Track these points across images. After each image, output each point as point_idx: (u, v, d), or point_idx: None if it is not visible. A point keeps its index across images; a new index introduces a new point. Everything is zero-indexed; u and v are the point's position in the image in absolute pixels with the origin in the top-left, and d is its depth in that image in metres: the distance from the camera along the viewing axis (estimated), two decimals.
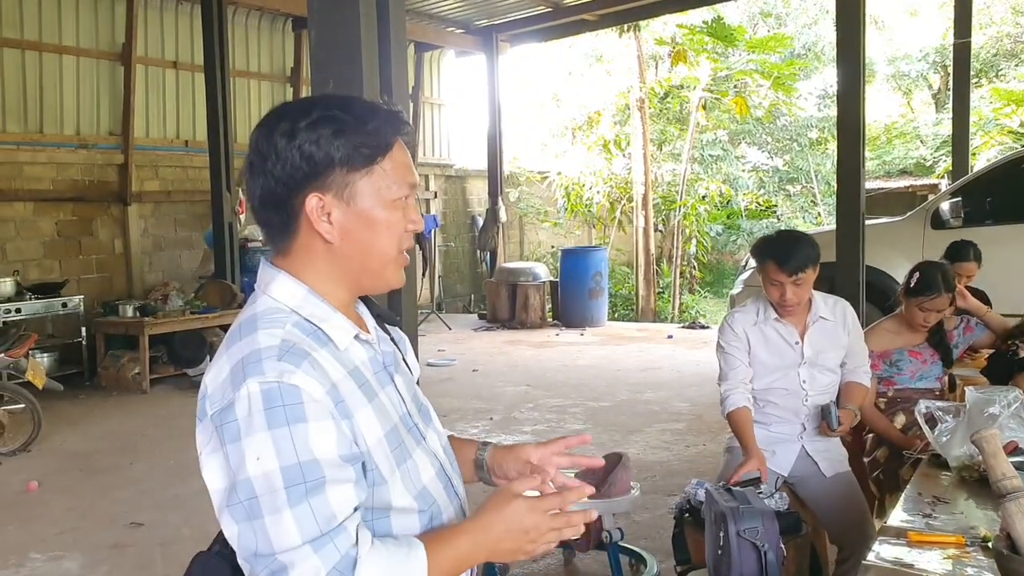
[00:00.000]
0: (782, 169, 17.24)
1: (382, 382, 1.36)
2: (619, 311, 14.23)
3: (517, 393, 7.83)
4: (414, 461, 1.34)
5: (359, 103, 1.35)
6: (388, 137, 1.31)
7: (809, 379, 3.10)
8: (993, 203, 6.78)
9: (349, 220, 1.31)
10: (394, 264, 1.35)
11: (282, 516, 1.14)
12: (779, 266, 2.98)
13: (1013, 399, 2.54)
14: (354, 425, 1.24)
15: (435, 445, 1.44)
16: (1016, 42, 18.89)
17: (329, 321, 1.31)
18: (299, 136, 1.29)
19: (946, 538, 2.06)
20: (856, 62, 5.93)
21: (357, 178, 1.30)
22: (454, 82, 14.37)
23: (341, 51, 2.45)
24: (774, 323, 3.14)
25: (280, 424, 1.16)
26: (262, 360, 1.20)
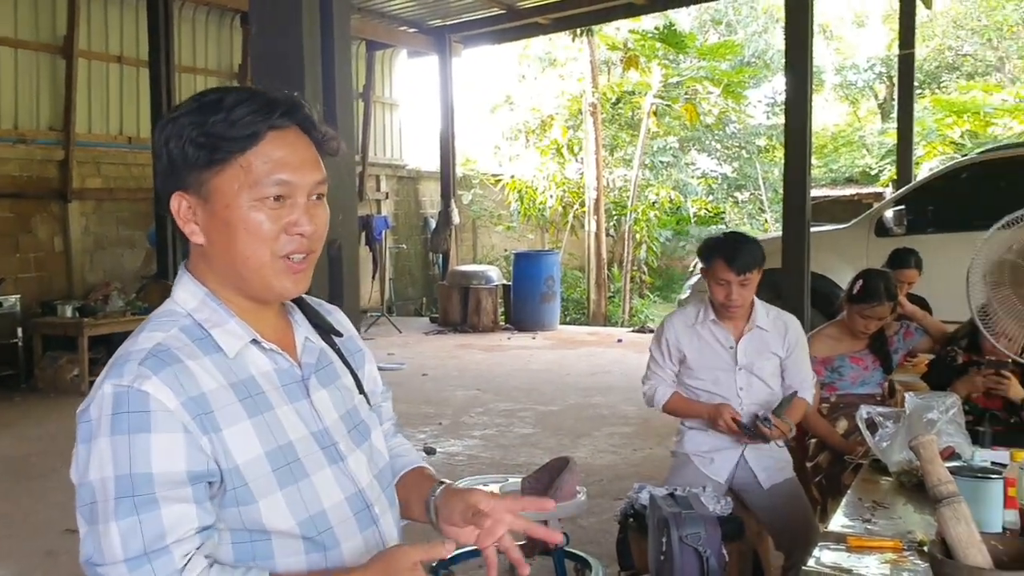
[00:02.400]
0: (731, 176, 17.46)
1: (290, 396, 1.27)
2: (571, 315, 14.26)
3: (467, 397, 7.80)
4: (311, 482, 1.24)
5: (235, 93, 1.23)
6: (250, 128, 1.19)
7: (746, 386, 3.11)
8: (935, 212, 6.92)
9: (210, 221, 1.22)
10: (271, 271, 1.23)
11: (110, 527, 1.09)
12: (728, 264, 2.99)
13: (951, 404, 2.58)
14: (219, 440, 1.16)
15: (359, 468, 1.32)
16: (957, 55, 19.36)
17: (222, 327, 1.23)
18: (166, 132, 1.22)
19: (884, 543, 2.08)
20: (804, 71, 6.01)
21: (213, 174, 1.20)
22: (407, 82, 14.31)
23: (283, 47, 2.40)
24: (711, 324, 3.17)
25: (122, 431, 1.11)
26: (126, 362, 1.15)
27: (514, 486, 3.62)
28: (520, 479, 3.62)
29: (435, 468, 5.13)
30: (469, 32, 12.35)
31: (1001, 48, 18.93)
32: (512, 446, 6.20)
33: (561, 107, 15.13)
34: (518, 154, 15.84)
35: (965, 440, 2.54)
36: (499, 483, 3.67)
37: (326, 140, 1.29)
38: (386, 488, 1.39)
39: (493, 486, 3.63)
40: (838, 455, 3.37)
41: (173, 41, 8.83)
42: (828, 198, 14.87)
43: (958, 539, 1.62)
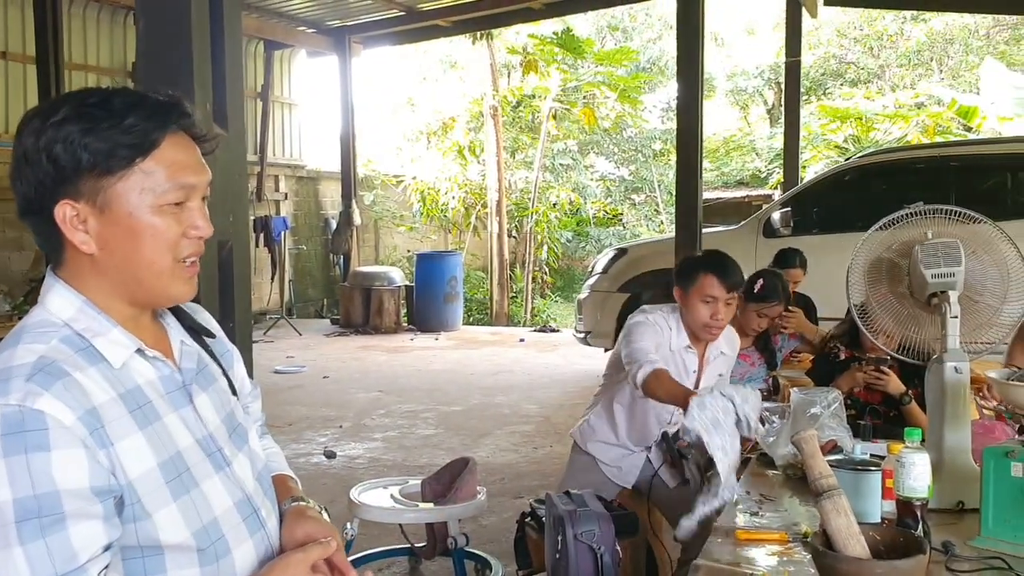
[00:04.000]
0: (628, 179, 17.79)
1: (175, 403, 1.24)
2: (474, 315, 14.29)
3: (369, 399, 7.72)
4: (202, 491, 1.21)
5: (121, 95, 1.20)
6: (152, 134, 1.17)
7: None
8: (819, 213, 7.22)
9: (107, 229, 1.18)
10: (170, 275, 1.22)
11: (12, 553, 1.02)
12: (720, 279, 2.88)
13: (833, 399, 2.69)
14: (114, 454, 1.12)
15: (243, 472, 1.31)
16: (841, 63, 20.20)
17: (104, 336, 1.19)
18: (45, 136, 1.16)
19: (771, 535, 2.15)
20: (694, 77, 6.17)
21: (112, 182, 1.16)
22: (306, 82, 14.08)
23: (170, 43, 2.32)
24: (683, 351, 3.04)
25: (17, 452, 1.04)
26: (10, 379, 1.09)
27: (414, 488, 3.61)
28: (420, 481, 3.62)
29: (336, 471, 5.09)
30: (369, 33, 12.24)
31: (881, 57, 19.83)
32: (414, 447, 6.18)
33: (462, 109, 15.15)
34: (420, 155, 15.79)
35: (847, 433, 2.65)
36: (399, 485, 3.66)
37: (206, 140, 1.28)
38: (267, 490, 1.38)
39: (393, 489, 3.62)
40: None
41: (62, 37, 8.46)
42: (720, 200, 15.32)
43: (838, 531, 1.69)
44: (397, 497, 3.51)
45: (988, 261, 2.55)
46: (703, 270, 2.92)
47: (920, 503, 1.99)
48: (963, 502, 2.28)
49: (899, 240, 2.61)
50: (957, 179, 6.86)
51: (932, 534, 2.02)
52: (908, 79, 19.01)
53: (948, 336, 2.42)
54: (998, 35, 18.68)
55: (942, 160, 7.12)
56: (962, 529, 2.15)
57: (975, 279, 2.53)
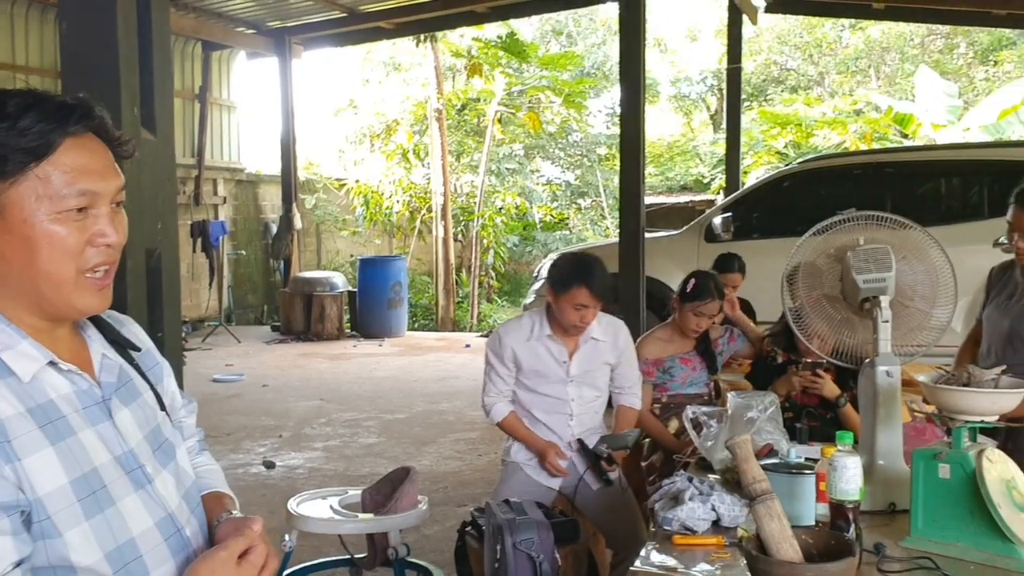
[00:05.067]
0: (574, 183, 17.88)
1: (92, 419, 1.19)
2: (419, 321, 14.22)
3: (309, 408, 7.62)
4: (118, 510, 1.16)
5: (19, 97, 1.14)
6: (48, 136, 1.12)
7: (577, 397, 3.20)
8: (759, 219, 7.31)
9: (2, 239, 1.13)
10: (74, 287, 1.16)
11: None
12: (590, 291, 3.04)
13: (769, 403, 2.71)
14: (21, 469, 1.07)
15: (167, 490, 1.26)
16: (782, 69, 20.58)
17: (12, 349, 1.14)
18: None
19: (707, 540, 2.16)
20: (637, 84, 6.22)
21: (4, 188, 1.12)
22: (246, 83, 13.89)
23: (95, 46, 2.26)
24: (547, 340, 3.20)
25: None
26: None
27: (354, 498, 3.56)
28: (361, 491, 3.57)
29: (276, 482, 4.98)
30: (310, 34, 12.09)
31: (821, 64, 20.26)
32: (356, 457, 6.10)
33: (406, 112, 15.07)
34: (363, 158, 15.66)
35: (783, 437, 2.68)
36: (339, 496, 3.61)
37: (121, 144, 1.23)
38: (195, 508, 1.33)
39: (333, 499, 3.56)
40: (670, 455, 3.50)
41: None
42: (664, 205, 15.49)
43: (771, 535, 1.70)
44: (337, 508, 3.45)
45: (918, 266, 2.60)
46: (576, 281, 3.06)
47: (852, 505, 2.02)
48: (895, 503, 2.32)
49: (833, 246, 2.66)
50: (893, 185, 7.01)
51: (864, 536, 2.05)
52: (846, 86, 19.45)
53: (880, 340, 2.46)
54: (932, 44, 19.22)
55: (878, 166, 7.26)
56: (894, 530, 2.18)
57: (906, 284, 2.57)
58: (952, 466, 2.04)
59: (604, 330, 3.26)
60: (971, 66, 18.83)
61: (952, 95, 14.21)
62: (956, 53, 18.99)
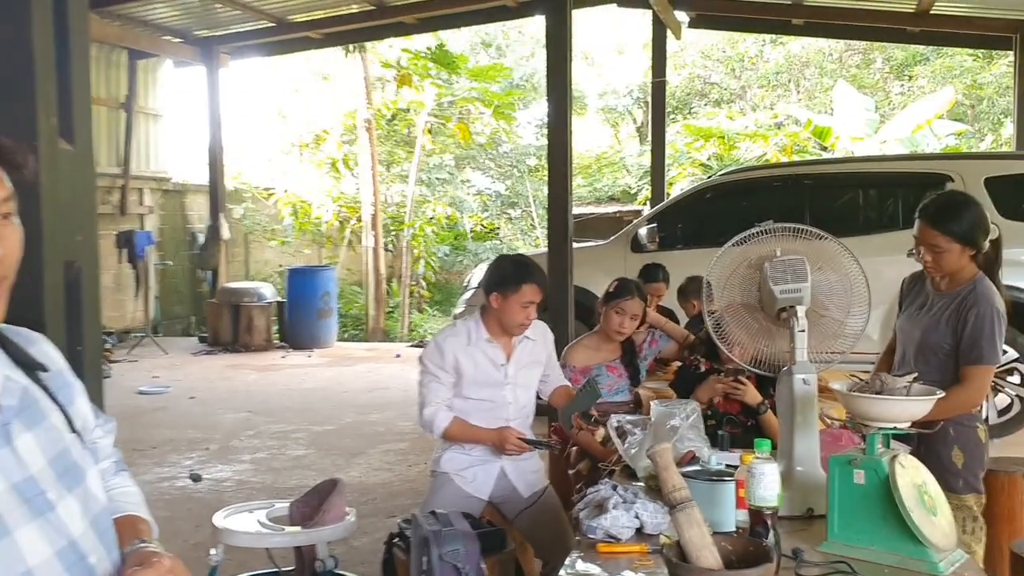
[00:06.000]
0: (504, 193, 17.95)
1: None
2: (349, 331, 14.09)
3: (237, 420, 7.49)
4: (13, 541, 1.10)
5: None
6: None
7: (514, 400, 3.22)
8: (683, 229, 7.44)
9: None
10: None
11: None
12: (538, 286, 3.12)
13: (691, 411, 2.78)
14: None
15: (70, 516, 1.19)
16: (706, 83, 21.00)
17: None
18: None
19: (631, 548, 2.20)
20: (564, 96, 6.29)
21: None
22: (172, 92, 13.61)
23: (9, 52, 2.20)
24: (484, 344, 3.22)
25: None
26: None
27: (282, 511, 3.52)
28: (288, 504, 3.53)
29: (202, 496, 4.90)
30: (238, 44, 11.92)
31: (743, 78, 20.73)
32: (284, 469, 6.02)
33: (336, 122, 14.95)
34: (292, 168, 15.48)
35: (705, 444, 2.74)
36: (266, 509, 3.56)
37: (9, 153, 1.18)
38: (104, 534, 1.26)
39: (260, 513, 3.51)
40: (597, 462, 3.54)
41: None
42: (593, 215, 15.64)
43: (691, 542, 1.73)
44: (264, 521, 3.41)
45: (833, 276, 2.69)
46: (524, 280, 3.13)
47: (770, 512, 2.07)
48: (812, 508, 2.39)
49: (751, 256, 2.73)
50: (812, 196, 7.21)
51: (782, 541, 2.10)
52: (768, 100, 19.93)
53: (796, 349, 2.54)
54: (850, 59, 19.83)
55: (798, 178, 7.46)
56: (811, 535, 2.24)
57: (821, 293, 2.66)
58: (867, 472, 2.10)
59: (534, 330, 3.31)
60: (887, 81, 19.49)
61: (869, 109, 14.70)
62: (873, 68, 19.63)
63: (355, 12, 10.80)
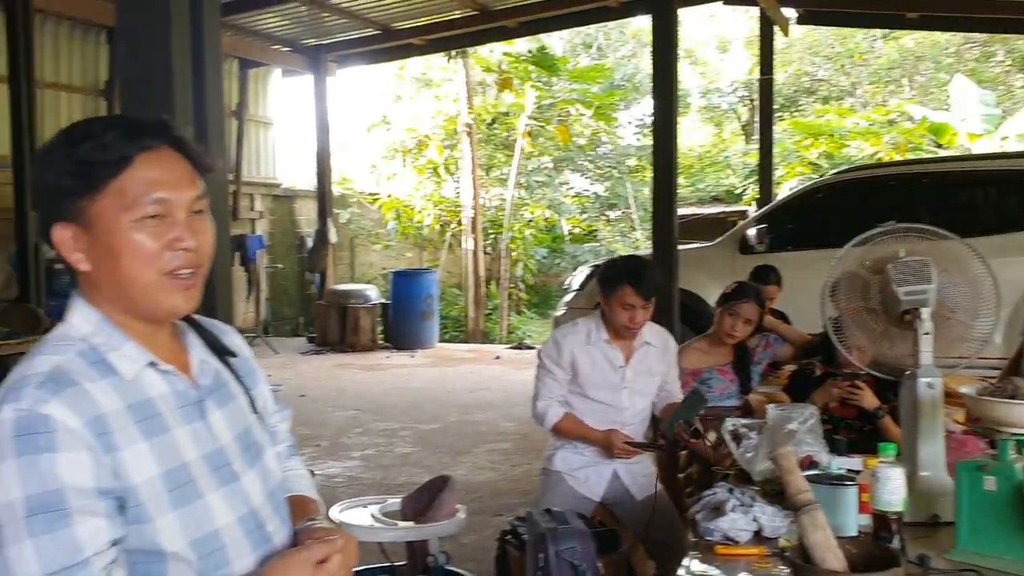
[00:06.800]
0: (603, 195, 17.85)
1: (186, 417, 1.28)
2: (449, 332, 14.27)
3: (346, 418, 7.69)
4: (204, 503, 1.25)
5: (103, 120, 1.29)
6: (120, 151, 1.22)
7: (630, 405, 3.22)
8: (793, 230, 7.28)
9: (93, 247, 1.24)
10: (160, 289, 1.24)
11: (23, 547, 1.09)
12: (636, 290, 3.08)
13: (809, 415, 2.72)
14: (118, 459, 1.18)
15: (252, 488, 1.34)
16: (813, 80, 20.46)
17: (117, 351, 1.24)
18: (40, 166, 1.25)
19: (750, 550, 2.18)
20: (670, 95, 6.25)
21: (88, 202, 1.22)
22: (281, 100, 14.07)
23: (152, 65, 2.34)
24: (603, 345, 3.23)
25: (27, 452, 1.12)
26: (23, 387, 1.16)
27: (393, 507, 3.60)
28: (400, 499, 3.61)
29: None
30: (344, 52, 12.26)
31: (853, 74, 20.12)
32: (392, 466, 6.16)
33: (437, 127, 15.18)
34: (395, 173, 15.80)
35: (823, 449, 2.68)
36: (379, 504, 3.65)
37: (200, 157, 1.31)
38: (279, 508, 1.40)
39: (373, 508, 3.60)
40: (708, 466, 3.51)
41: (35, 56, 8.40)
42: (696, 216, 15.39)
43: (816, 545, 1.71)
44: (377, 516, 3.50)
45: (959, 278, 2.60)
46: (621, 281, 3.12)
47: (895, 517, 2.02)
48: (938, 515, 2.32)
49: (872, 258, 2.66)
50: (929, 196, 6.96)
51: (908, 547, 2.05)
52: (879, 96, 19.29)
53: (921, 352, 2.46)
54: (967, 52, 19.01)
55: (914, 177, 7.22)
56: (937, 542, 2.18)
57: (947, 296, 2.57)
58: (998, 478, 2.04)
59: (655, 336, 3.31)
60: (1009, 74, 18.61)
61: (989, 104, 14.04)
62: (993, 61, 18.77)
63: (457, 18, 10.96)
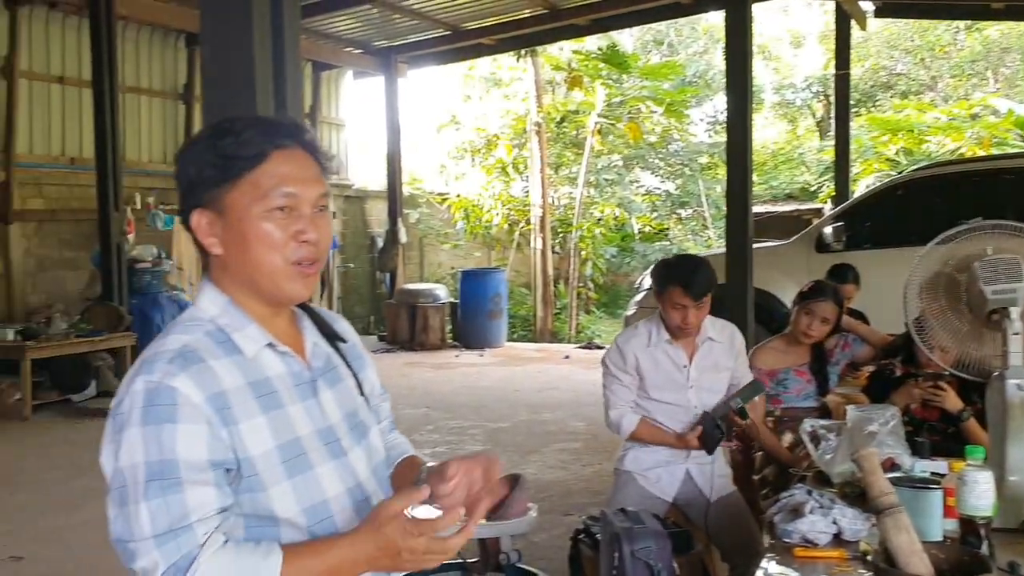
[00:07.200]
0: (674, 193, 17.67)
1: (300, 395, 1.39)
2: (518, 332, 14.31)
3: (417, 416, 7.77)
4: (315, 474, 1.36)
5: (245, 119, 1.39)
6: (257, 148, 1.33)
7: (699, 403, 3.19)
8: (872, 228, 7.10)
9: (227, 233, 1.35)
10: (283, 275, 1.35)
11: (140, 507, 1.21)
12: (685, 291, 3.06)
13: (890, 416, 2.65)
14: (236, 432, 1.28)
15: (358, 463, 1.45)
16: (891, 74, 19.94)
17: (242, 331, 1.36)
18: (185, 157, 1.38)
19: (829, 553, 2.13)
20: (744, 90, 6.16)
21: (228, 190, 1.34)
22: (353, 102, 14.28)
23: (234, 69, 2.40)
24: (665, 346, 3.21)
25: (152, 422, 1.23)
26: (155, 361, 1.27)
27: None
28: None
29: None
30: (415, 53, 12.39)
31: (933, 68, 19.55)
32: None
33: (506, 126, 15.23)
34: (464, 173, 15.90)
35: (905, 451, 2.61)
36: None
37: (326, 159, 1.43)
38: (381, 482, 1.51)
39: None
40: (784, 468, 3.45)
41: (117, 61, 8.71)
42: (769, 214, 15.15)
43: (900, 548, 1.67)
44: None
45: None
46: (672, 282, 3.10)
47: (984, 522, 1.96)
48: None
49: (957, 255, 2.59)
50: (1014, 192, 6.71)
51: (996, 553, 1.99)
52: (962, 89, 18.70)
53: (1010, 353, 2.39)
54: None
55: (998, 173, 6.98)
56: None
57: None
58: None
59: (719, 331, 3.28)
60: None
61: None
62: None
63: (527, 16, 10.99)
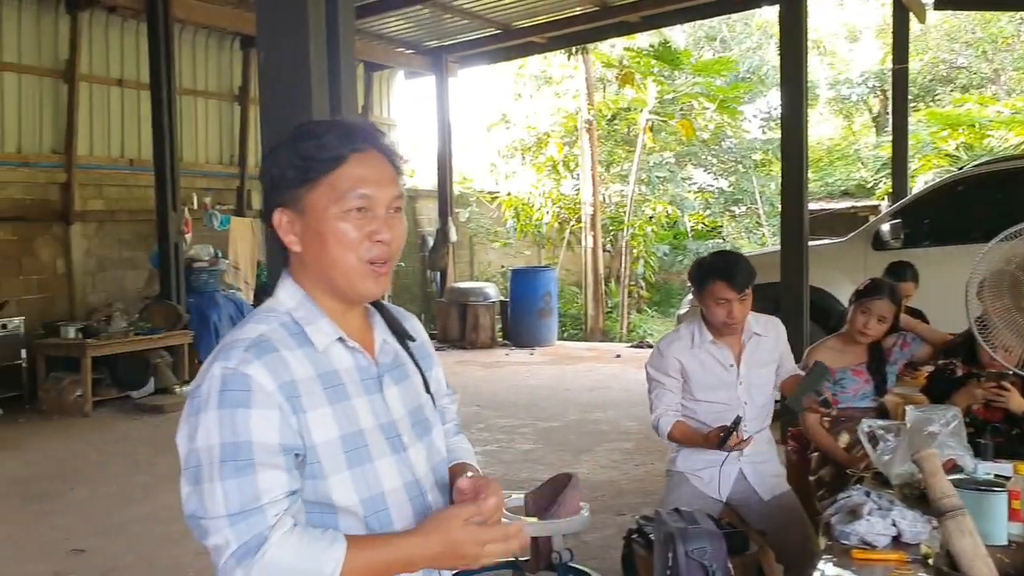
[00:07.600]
0: (727, 190, 17.45)
1: (366, 389, 1.43)
2: (568, 331, 14.28)
3: (468, 414, 7.80)
4: (375, 467, 1.40)
5: (325, 122, 1.45)
6: (336, 151, 1.38)
7: (749, 400, 3.16)
8: (931, 225, 6.94)
9: (306, 231, 1.41)
10: (357, 274, 1.40)
11: (214, 487, 1.27)
12: (729, 284, 3.05)
13: (951, 417, 2.60)
14: (303, 420, 1.33)
15: (418, 459, 1.48)
16: (951, 68, 19.48)
17: (314, 324, 1.41)
18: (269, 159, 1.45)
19: (888, 555, 2.10)
20: (799, 86, 6.07)
21: (308, 190, 1.39)
22: (404, 102, 14.37)
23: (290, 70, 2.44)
24: (709, 346, 3.20)
25: (227, 406, 1.29)
26: (232, 349, 1.34)
27: (517, 502, 3.63)
28: (523, 495, 3.64)
29: None
30: (465, 52, 12.43)
31: (996, 60, 19.05)
32: (514, 462, 6.21)
33: (557, 124, 15.20)
34: (514, 171, 15.91)
35: (967, 453, 2.56)
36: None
37: (401, 162, 1.49)
38: (440, 480, 1.54)
39: None
40: (841, 469, 3.39)
41: (174, 64, 8.89)
42: (825, 211, 14.89)
43: (963, 552, 1.64)
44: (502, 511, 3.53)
45: None
46: (712, 277, 3.08)
47: None
48: None
49: (1021, 253, 2.53)
50: None
51: None
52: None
53: None
54: None
55: None
56: None
57: None
58: None
59: (764, 326, 3.26)
60: None
61: None
62: None
63: (578, 14, 10.95)
